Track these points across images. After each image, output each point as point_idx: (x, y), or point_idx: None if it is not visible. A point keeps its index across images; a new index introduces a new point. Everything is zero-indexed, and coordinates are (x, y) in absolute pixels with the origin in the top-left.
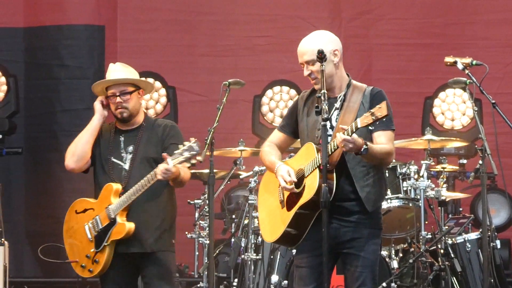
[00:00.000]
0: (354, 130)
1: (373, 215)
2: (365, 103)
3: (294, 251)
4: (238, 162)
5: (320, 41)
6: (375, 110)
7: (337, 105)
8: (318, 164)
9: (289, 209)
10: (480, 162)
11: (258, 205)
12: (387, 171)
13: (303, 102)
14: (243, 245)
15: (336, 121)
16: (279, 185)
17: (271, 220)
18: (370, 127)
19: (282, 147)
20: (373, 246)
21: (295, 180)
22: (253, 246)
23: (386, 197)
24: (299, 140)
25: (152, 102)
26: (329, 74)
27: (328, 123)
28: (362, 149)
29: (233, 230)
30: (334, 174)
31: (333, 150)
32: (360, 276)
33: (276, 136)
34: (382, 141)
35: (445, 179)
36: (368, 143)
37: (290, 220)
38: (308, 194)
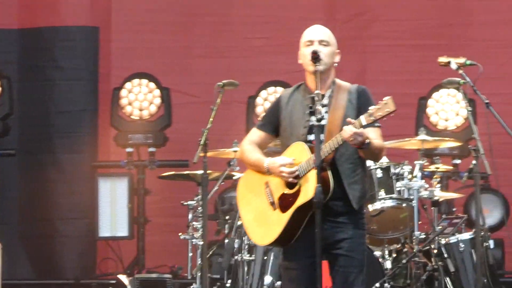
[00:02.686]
0: (358, 128)
1: (359, 216)
2: (352, 100)
3: None
4: (232, 163)
5: (332, 36)
6: (380, 106)
7: (325, 101)
8: (314, 165)
9: (283, 210)
10: (474, 162)
11: (240, 207)
12: (381, 171)
13: (286, 100)
14: (236, 246)
15: (317, 120)
16: (266, 186)
17: (262, 222)
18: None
19: (262, 146)
20: (362, 246)
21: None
22: (246, 247)
23: (380, 197)
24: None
25: (146, 103)
26: (328, 74)
27: (314, 119)
28: (366, 141)
29: (226, 231)
30: (330, 173)
31: (334, 148)
32: (349, 276)
33: (256, 134)
34: (372, 137)
35: (438, 179)
36: (369, 137)
37: (287, 222)
38: (306, 195)
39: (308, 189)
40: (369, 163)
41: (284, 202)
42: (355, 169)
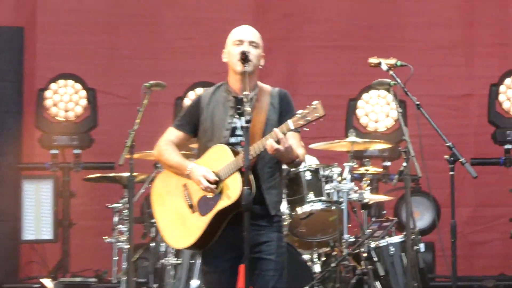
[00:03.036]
0: (285, 132)
1: (277, 218)
2: (275, 103)
3: None
4: (158, 166)
5: (261, 39)
6: (309, 111)
7: (248, 105)
8: (239, 167)
9: (203, 213)
10: (404, 164)
11: (155, 209)
12: (310, 174)
13: (207, 100)
14: (162, 249)
15: (246, 122)
16: (184, 188)
17: (179, 225)
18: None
19: (180, 146)
20: (282, 249)
21: (217, 179)
22: (173, 251)
23: (309, 200)
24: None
25: (72, 104)
26: (253, 77)
27: (238, 122)
28: (296, 160)
29: (152, 234)
30: (252, 177)
31: (260, 151)
32: (271, 280)
33: (174, 134)
34: (293, 142)
35: (368, 181)
36: (299, 154)
37: (207, 225)
38: (229, 199)
39: (231, 192)
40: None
41: (204, 205)
42: (273, 174)
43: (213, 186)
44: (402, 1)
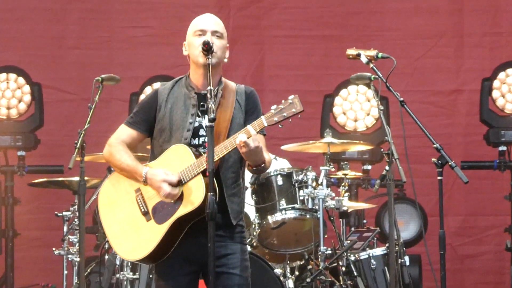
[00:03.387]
0: (258, 130)
1: (239, 228)
2: (241, 101)
3: None
4: (112, 169)
5: (225, 29)
6: (285, 106)
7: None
8: (201, 170)
9: (160, 221)
10: (387, 168)
11: (102, 218)
12: (281, 178)
13: (166, 96)
14: (118, 263)
15: (210, 120)
16: (137, 193)
17: (131, 235)
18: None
19: (132, 146)
20: (246, 262)
21: (178, 181)
22: (129, 264)
23: (281, 207)
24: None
25: (15, 100)
26: (218, 71)
27: (201, 121)
28: (262, 165)
29: (106, 246)
30: (215, 180)
31: (225, 153)
32: None
33: (126, 133)
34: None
35: (347, 187)
36: (266, 159)
37: (163, 234)
38: (190, 205)
39: (193, 198)
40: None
41: (161, 212)
42: (236, 180)
43: (176, 190)
44: None
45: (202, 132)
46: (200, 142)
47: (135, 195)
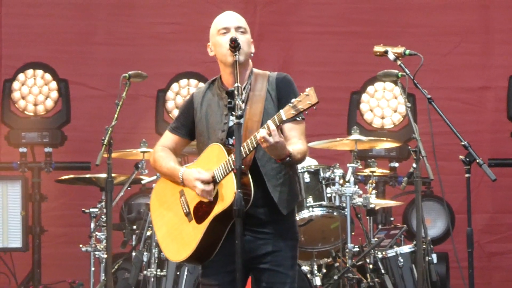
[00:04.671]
0: (278, 124)
1: (288, 224)
2: (271, 90)
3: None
4: (139, 166)
5: (246, 23)
6: (301, 98)
7: (243, 96)
8: (231, 168)
9: (199, 221)
10: (414, 165)
11: (153, 222)
12: (308, 176)
13: (200, 100)
14: (145, 259)
15: (237, 118)
16: (180, 196)
17: (176, 236)
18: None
19: (177, 151)
20: (292, 260)
21: (211, 177)
22: (156, 261)
23: (308, 205)
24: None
25: (42, 97)
26: (247, 67)
27: (230, 120)
28: (287, 159)
29: (134, 242)
30: (250, 177)
31: (253, 148)
32: None
33: (169, 139)
34: (293, 135)
35: (374, 184)
36: (291, 151)
37: (203, 234)
38: (224, 203)
39: (226, 196)
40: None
41: (200, 212)
42: (281, 169)
43: (210, 187)
44: None
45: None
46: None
47: (179, 197)
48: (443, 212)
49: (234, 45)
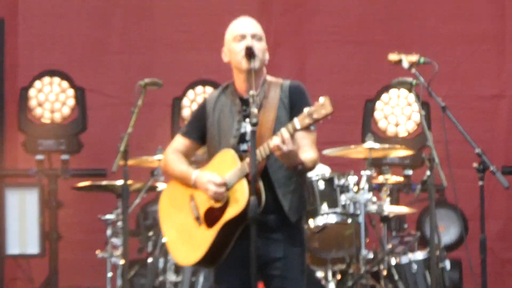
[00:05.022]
0: (291, 132)
1: (297, 230)
2: (284, 98)
3: None
4: (155, 173)
5: (261, 30)
6: (316, 108)
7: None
8: (245, 174)
9: (210, 226)
10: (428, 173)
11: (162, 224)
12: (323, 183)
13: (213, 105)
14: (161, 265)
15: (252, 125)
16: (190, 199)
17: (186, 240)
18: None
19: (188, 155)
20: (302, 266)
21: (224, 181)
22: (172, 267)
23: (322, 212)
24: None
25: (58, 104)
26: (261, 74)
27: (248, 124)
28: (299, 167)
29: (150, 249)
30: (261, 183)
31: (266, 155)
32: None
33: (181, 143)
34: (305, 143)
35: (388, 192)
36: (303, 159)
37: (213, 238)
38: (236, 208)
39: (238, 202)
40: (309, 173)
41: (211, 217)
42: (290, 177)
43: (222, 189)
44: None
45: (248, 137)
46: (246, 148)
47: (188, 201)
48: (456, 219)
49: (250, 53)
